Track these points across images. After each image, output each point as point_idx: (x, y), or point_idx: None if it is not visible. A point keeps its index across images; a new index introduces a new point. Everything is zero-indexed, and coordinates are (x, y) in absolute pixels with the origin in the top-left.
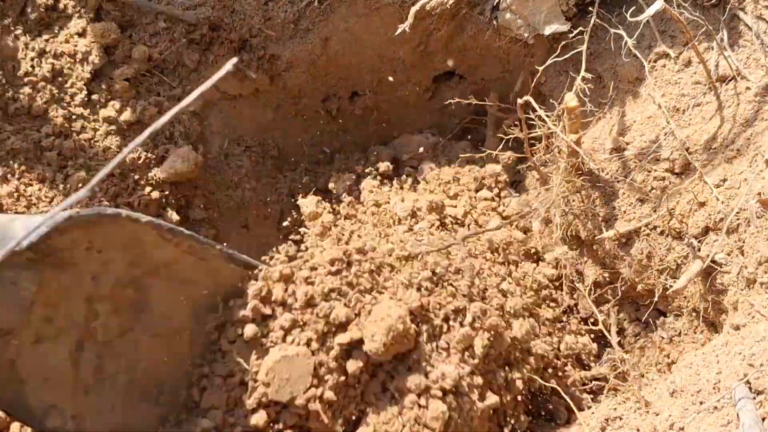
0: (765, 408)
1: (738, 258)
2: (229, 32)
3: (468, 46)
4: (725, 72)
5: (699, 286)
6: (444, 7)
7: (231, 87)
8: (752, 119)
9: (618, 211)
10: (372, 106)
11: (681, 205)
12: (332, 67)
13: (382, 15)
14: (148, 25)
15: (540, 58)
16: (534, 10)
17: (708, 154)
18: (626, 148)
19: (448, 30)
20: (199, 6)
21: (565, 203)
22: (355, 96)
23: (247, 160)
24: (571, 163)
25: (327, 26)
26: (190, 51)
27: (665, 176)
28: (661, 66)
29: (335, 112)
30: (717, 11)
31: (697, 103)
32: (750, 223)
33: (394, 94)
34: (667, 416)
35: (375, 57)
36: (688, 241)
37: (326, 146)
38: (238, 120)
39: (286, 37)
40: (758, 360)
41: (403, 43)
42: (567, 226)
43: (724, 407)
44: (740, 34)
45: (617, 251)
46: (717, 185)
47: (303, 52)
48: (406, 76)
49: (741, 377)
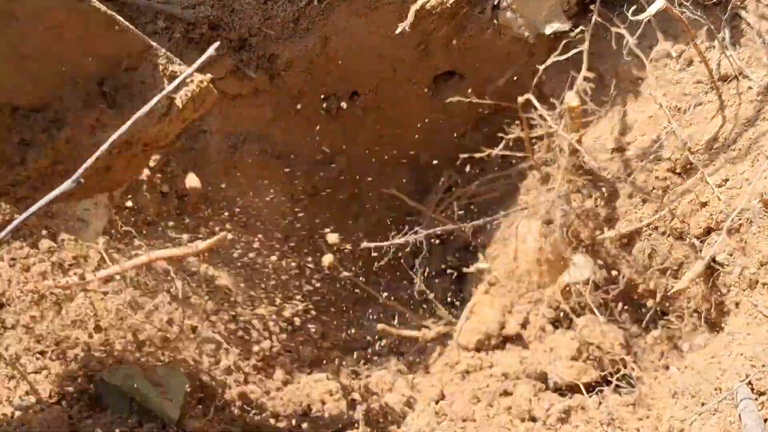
0: (767, 409)
1: (740, 258)
2: (228, 31)
3: (468, 45)
4: (727, 71)
5: (701, 286)
6: (444, 6)
7: (230, 86)
8: (754, 119)
9: (619, 211)
10: (372, 106)
11: (683, 205)
12: (332, 66)
13: (382, 14)
14: (147, 24)
15: (541, 58)
16: (535, 9)
17: (710, 153)
18: (627, 147)
19: (448, 29)
20: (199, 5)
21: (566, 202)
22: (355, 96)
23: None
24: (572, 162)
25: (327, 25)
26: (190, 50)
27: (667, 176)
28: (663, 65)
29: (335, 112)
30: (718, 10)
31: (699, 103)
32: (752, 223)
33: (394, 94)
34: (669, 417)
35: (375, 56)
36: (689, 242)
37: (326, 146)
38: (237, 119)
39: (286, 36)
40: (760, 361)
41: (403, 42)
42: (568, 226)
43: (726, 408)
44: (742, 33)
45: (618, 251)
46: (719, 185)
47: (302, 52)
48: (406, 76)
49: (743, 378)
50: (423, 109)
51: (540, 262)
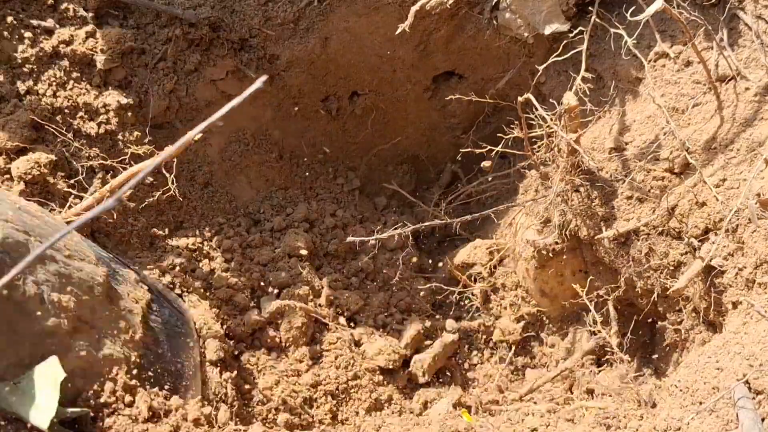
0: (764, 408)
1: (737, 258)
2: (229, 32)
3: (468, 45)
4: (725, 72)
5: (699, 286)
6: (444, 7)
7: (231, 87)
8: (752, 119)
9: (617, 210)
10: (372, 106)
11: (681, 205)
12: (332, 66)
13: (382, 15)
14: (148, 24)
15: (540, 58)
16: (534, 9)
17: (708, 153)
18: (626, 147)
19: (447, 30)
20: (199, 6)
21: (564, 202)
22: (355, 96)
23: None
24: (570, 162)
25: (327, 26)
26: (190, 51)
27: (665, 176)
28: (661, 66)
29: (335, 112)
30: (716, 11)
31: (697, 103)
32: (751, 223)
33: (394, 94)
34: (666, 416)
35: (375, 57)
36: (687, 241)
37: (326, 146)
38: (237, 119)
39: (286, 36)
40: (757, 360)
41: (403, 42)
42: (566, 226)
43: (724, 407)
44: (740, 33)
45: (616, 251)
46: (716, 185)
47: (303, 52)
48: (405, 76)
49: (740, 377)
50: (422, 109)
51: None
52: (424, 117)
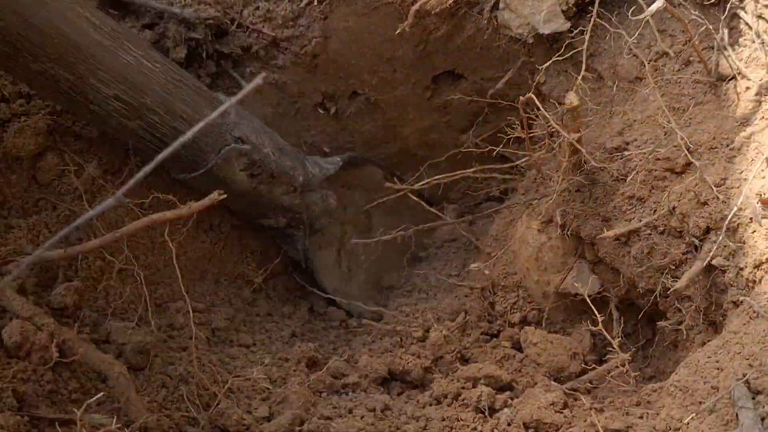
0: (764, 408)
1: (738, 258)
2: (229, 32)
3: (467, 45)
4: (725, 71)
5: (700, 285)
6: (443, 7)
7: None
8: (752, 118)
9: (619, 210)
10: (372, 106)
11: (682, 204)
12: (332, 66)
13: (382, 14)
14: (148, 24)
15: (540, 58)
16: (533, 9)
17: (708, 153)
18: (627, 147)
19: (447, 29)
20: (199, 5)
21: (565, 202)
22: (355, 95)
23: None
24: (571, 161)
25: (326, 26)
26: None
27: (666, 175)
28: (661, 65)
29: (335, 112)
30: (717, 10)
31: (698, 102)
32: (752, 222)
33: (394, 94)
34: (666, 416)
35: (375, 56)
36: (689, 241)
37: (326, 146)
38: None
39: (286, 36)
40: (757, 360)
41: (403, 42)
42: (567, 226)
43: (723, 407)
44: (740, 33)
45: (618, 251)
46: (717, 184)
47: (302, 52)
48: (405, 76)
49: (740, 377)
50: (422, 108)
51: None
52: (424, 117)
